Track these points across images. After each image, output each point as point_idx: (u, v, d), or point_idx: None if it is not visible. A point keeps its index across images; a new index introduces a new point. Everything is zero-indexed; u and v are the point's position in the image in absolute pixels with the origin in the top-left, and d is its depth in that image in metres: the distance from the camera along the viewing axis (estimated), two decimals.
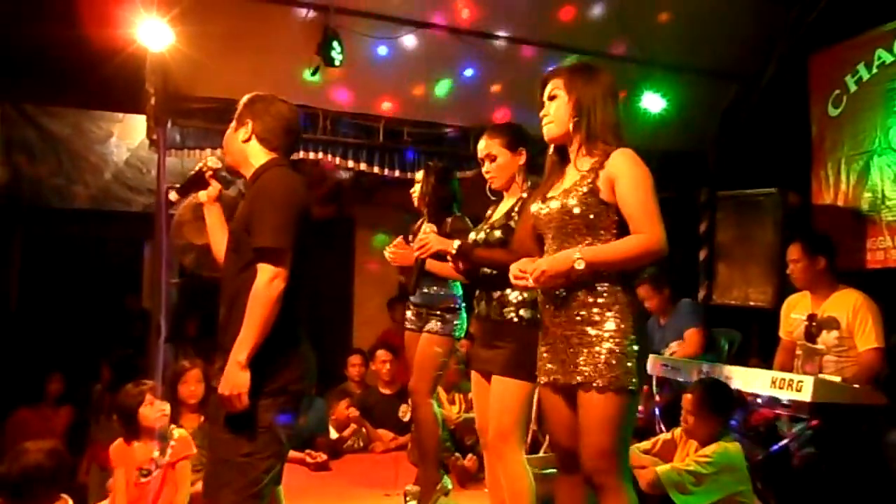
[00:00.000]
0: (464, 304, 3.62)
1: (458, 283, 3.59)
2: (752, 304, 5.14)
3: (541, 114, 2.33)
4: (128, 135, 6.23)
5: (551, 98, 2.29)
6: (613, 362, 2.11)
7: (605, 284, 2.16)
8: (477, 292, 2.88)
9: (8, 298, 6.47)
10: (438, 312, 3.58)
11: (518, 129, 2.90)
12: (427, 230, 2.88)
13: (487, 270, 2.78)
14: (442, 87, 4.98)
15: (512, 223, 2.77)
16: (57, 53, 5.09)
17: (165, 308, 4.20)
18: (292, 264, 2.26)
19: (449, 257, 2.80)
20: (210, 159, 2.53)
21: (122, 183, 6.25)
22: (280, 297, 2.23)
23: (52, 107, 6.09)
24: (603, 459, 2.12)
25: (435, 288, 3.60)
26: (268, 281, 2.22)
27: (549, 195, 2.30)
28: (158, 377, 3.91)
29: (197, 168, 2.53)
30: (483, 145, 2.89)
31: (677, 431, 3.37)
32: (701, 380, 3.39)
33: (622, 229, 2.17)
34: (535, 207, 2.33)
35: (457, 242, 2.75)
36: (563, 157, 2.35)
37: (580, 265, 2.09)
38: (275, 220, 2.25)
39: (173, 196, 2.52)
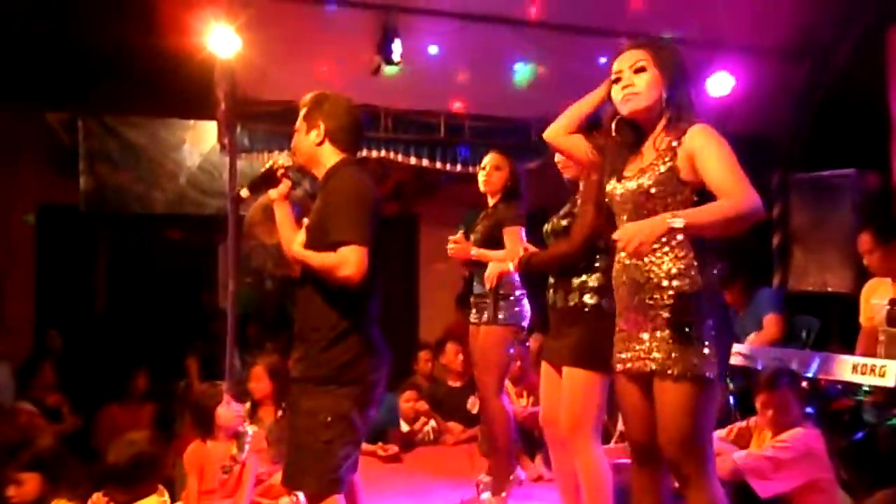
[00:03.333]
0: (524, 292, 3.59)
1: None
2: (830, 290, 4.96)
3: (621, 85, 2.20)
4: (200, 140, 6.45)
5: (638, 70, 2.17)
6: (689, 349, 2.05)
7: (681, 266, 2.10)
8: (549, 280, 2.87)
9: (95, 301, 6.82)
10: (498, 301, 3.54)
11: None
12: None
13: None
14: (522, 75, 4.96)
15: (577, 210, 2.76)
16: (133, 65, 5.33)
17: (233, 308, 4.34)
18: (369, 260, 2.31)
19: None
20: (281, 157, 2.60)
21: (196, 187, 6.48)
22: (347, 285, 2.29)
23: (129, 117, 6.37)
24: (682, 449, 2.07)
25: None
26: (340, 272, 2.28)
27: (625, 174, 2.22)
28: (230, 375, 4.07)
29: (268, 166, 2.58)
30: None
31: (752, 420, 3.28)
32: (776, 369, 3.28)
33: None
34: (609, 186, 2.26)
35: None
36: (631, 134, 2.25)
37: (678, 223, 1.93)
38: (353, 217, 2.32)
39: (244, 193, 2.57)
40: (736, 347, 3.86)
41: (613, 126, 2.26)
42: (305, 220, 2.51)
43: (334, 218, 2.33)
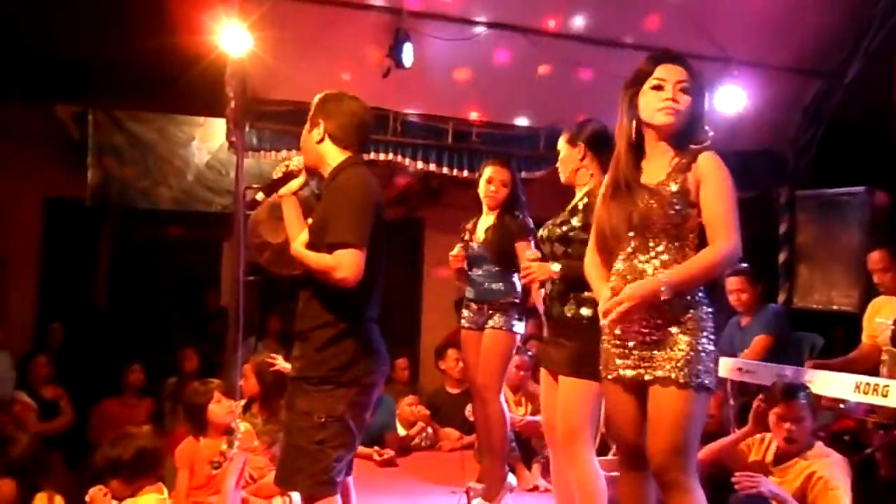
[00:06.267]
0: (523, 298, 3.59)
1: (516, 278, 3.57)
2: (835, 307, 4.93)
3: (664, 96, 2.19)
4: (209, 138, 6.46)
5: (683, 90, 2.19)
6: (693, 359, 2.09)
7: None
8: (547, 287, 2.87)
9: (97, 295, 6.82)
10: (500, 307, 3.56)
11: (581, 124, 2.91)
12: (531, 256, 2.92)
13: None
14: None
15: (575, 220, 2.77)
16: (144, 61, 5.34)
17: (242, 305, 4.33)
18: (367, 262, 2.30)
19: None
20: (295, 159, 2.57)
21: (203, 184, 6.48)
22: (343, 287, 2.28)
23: (139, 112, 6.39)
24: (673, 457, 2.09)
25: (495, 283, 3.60)
26: (335, 274, 2.26)
27: (631, 188, 2.22)
28: (238, 372, 4.06)
29: (283, 171, 2.53)
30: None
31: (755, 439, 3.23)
32: (791, 382, 3.21)
33: (702, 231, 2.15)
34: (613, 202, 2.25)
35: (556, 266, 2.76)
36: (637, 151, 2.26)
37: (665, 295, 2.07)
38: (351, 219, 2.30)
39: (259, 196, 2.54)
40: (736, 362, 3.84)
41: (633, 128, 2.25)
42: (309, 220, 2.51)
43: (333, 219, 2.33)
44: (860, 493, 3.04)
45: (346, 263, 2.26)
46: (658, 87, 2.19)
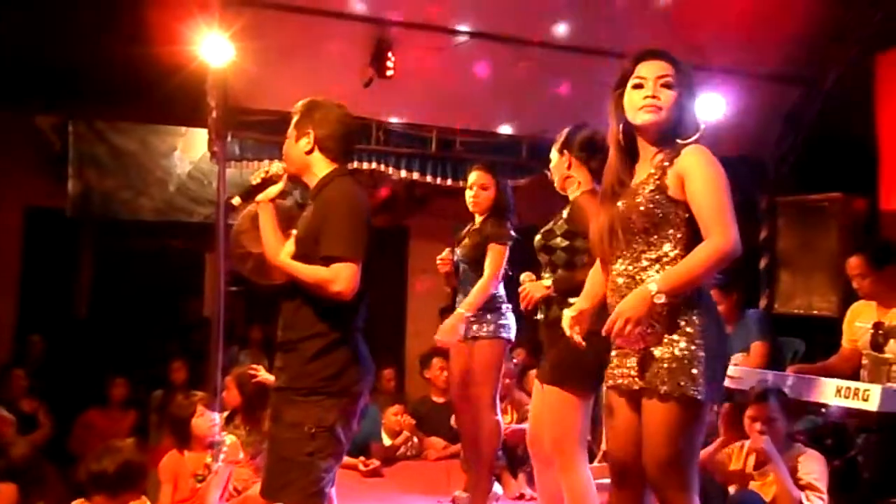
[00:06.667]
0: (510, 305, 3.58)
1: (500, 284, 3.56)
2: (815, 312, 4.98)
3: (644, 94, 2.10)
4: (190, 148, 6.43)
5: (665, 86, 2.10)
6: (678, 368, 1.99)
7: None
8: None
9: (78, 306, 6.75)
10: (485, 315, 3.54)
11: (572, 130, 2.89)
12: (524, 278, 2.92)
13: None
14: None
15: (557, 229, 2.80)
16: (125, 71, 5.32)
17: (223, 315, 4.30)
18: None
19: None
20: (274, 166, 2.52)
21: (185, 195, 6.45)
22: (337, 300, 2.27)
23: (120, 122, 6.35)
24: (665, 471, 2.02)
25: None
26: (332, 287, 2.26)
27: (619, 192, 2.17)
28: (218, 383, 4.03)
29: (262, 178, 2.50)
30: None
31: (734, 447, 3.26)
32: (765, 386, 3.26)
33: (692, 226, 2.05)
34: (604, 209, 2.21)
35: (548, 282, 2.77)
36: (628, 152, 2.20)
37: (660, 299, 1.96)
38: (347, 232, 2.30)
39: (236, 201, 2.51)
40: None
41: (620, 133, 2.18)
42: (293, 231, 2.49)
43: (328, 232, 2.31)
44: (842, 496, 3.07)
45: (343, 277, 2.26)
46: (638, 86, 2.12)
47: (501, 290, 3.58)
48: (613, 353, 2.20)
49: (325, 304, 2.32)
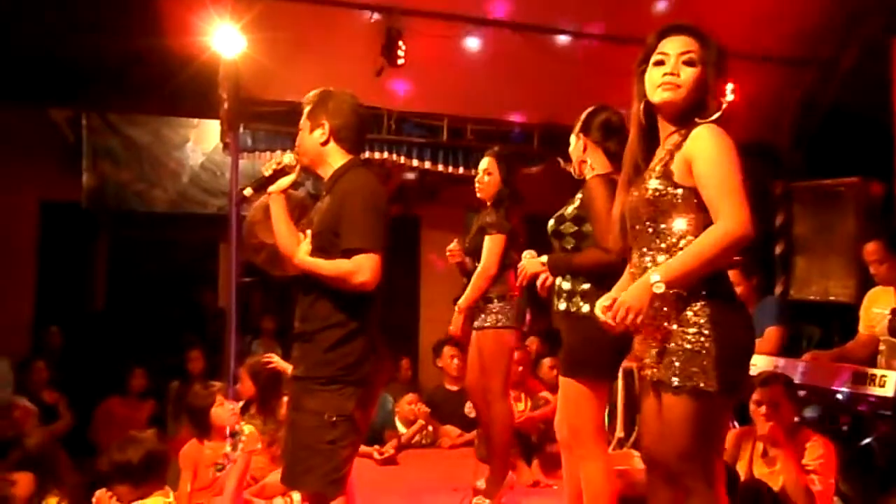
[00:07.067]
0: (516, 294, 3.54)
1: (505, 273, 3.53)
2: (832, 298, 4.95)
3: (664, 70, 1.98)
4: (203, 139, 6.46)
5: (688, 63, 1.97)
6: (689, 360, 1.92)
7: None
8: (555, 284, 2.84)
9: (95, 297, 6.83)
10: (492, 304, 3.52)
11: (590, 113, 2.80)
12: (526, 255, 2.90)
13: None
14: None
15: (567, 214, 2.77)
16: (138, 63, 5.34)
17: (236, 305, 4.33)
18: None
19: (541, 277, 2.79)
20: (286, 156, 2.49)
21: (198, 186, 6.49)
22: (360, 291, 2.29)
23: (133, 115, 6.39)
24: (683, 462, 1.98)
25: None
26: (355, 279, 2.27)
27: (634, 180, 2.06)
28: (232, 373, 4.07)
29: (273, 168, 2.47)
30: None
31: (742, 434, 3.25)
32: (771, 371, 3.25)
33: (703, 212, 1.93)
34: (621, 195, 2.11)
35: (543, 258, 2.75)
36: (649, 134, 2.08)
37: (659, 289, 1.85)
38: (367, 224, 2.31)
39: (248, 192, 2.48)
40: None
41: (642, 113, 2.06)
42: (306, 221, 2.49)
43: (347, 224, 2.31)
44: (857, 482, 3.06)
45: (365, 268, 2.27)
46: (660, 63, 1.99)
47: (507, 279, 3.56)
48: (637, 338, 2.13)
49: (342, 294, 2.33)
